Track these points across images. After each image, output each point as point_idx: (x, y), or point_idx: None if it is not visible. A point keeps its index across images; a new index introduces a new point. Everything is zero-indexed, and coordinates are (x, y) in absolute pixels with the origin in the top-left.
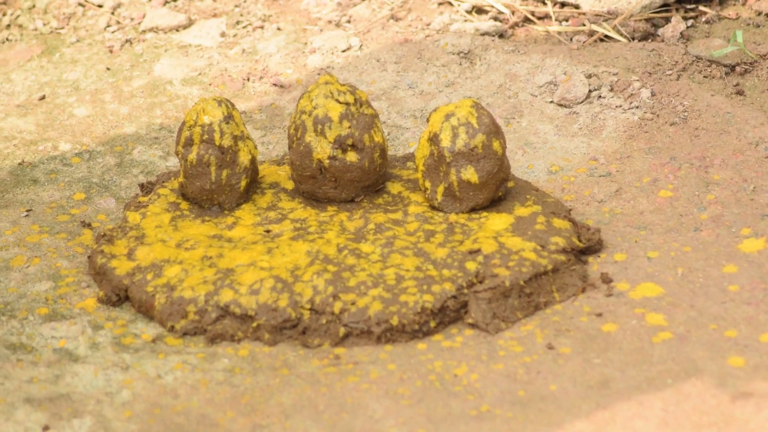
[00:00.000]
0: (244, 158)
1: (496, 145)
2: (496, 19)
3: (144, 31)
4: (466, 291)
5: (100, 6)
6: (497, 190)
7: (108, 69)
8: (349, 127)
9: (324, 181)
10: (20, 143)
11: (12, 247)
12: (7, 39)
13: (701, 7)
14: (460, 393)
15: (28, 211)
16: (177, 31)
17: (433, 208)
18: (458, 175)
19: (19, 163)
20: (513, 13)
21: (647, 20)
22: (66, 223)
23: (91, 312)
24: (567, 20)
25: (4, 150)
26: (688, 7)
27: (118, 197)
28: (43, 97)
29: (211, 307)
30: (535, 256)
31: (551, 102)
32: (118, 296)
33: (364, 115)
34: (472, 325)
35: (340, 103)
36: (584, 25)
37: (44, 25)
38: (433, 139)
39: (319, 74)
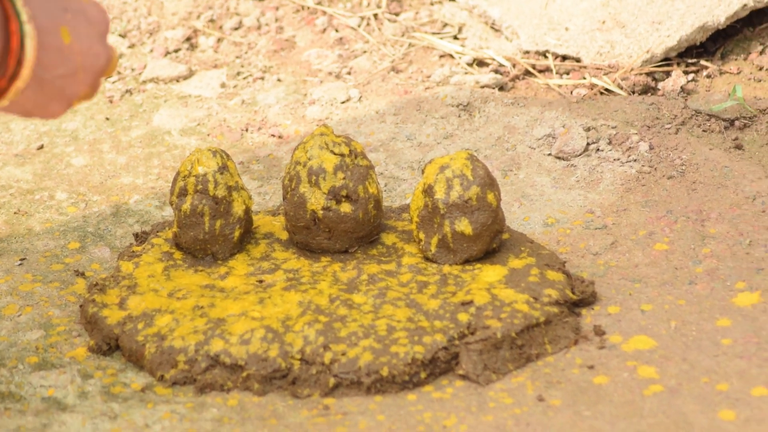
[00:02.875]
0: (238, 209)
1: (490, 197)
2: (497, 71)
3: (144, 82)
4: (457, 342)
5: None
6: (491, 242)
7: (107, 119)
8: (344, 179)
9: (318, 232)
10: (17, 192)
11: (4, 296)
12: None
13: (702, 62)
14: None
15: (22, 260)
16: (177, 81)
17: (426, 259)
18: (452, 226)
19: (15, 212)
20: (514, 66)
21: (648, 74)
22: (60, 272)
23: (82, 361)
24: (568, 73)
25: (1, 199)
26: (690, 61)
27: (113, 247)
28: (41, 147)
29: (201, 357)
30: (527, 308)
31: (549, 154)
32: (109, 345)
33: (359, 167)
34: (463, 377)
35: (335, 154)
36: (585, 78)
37: None
38: (428, 191)
39: (317, 125)
